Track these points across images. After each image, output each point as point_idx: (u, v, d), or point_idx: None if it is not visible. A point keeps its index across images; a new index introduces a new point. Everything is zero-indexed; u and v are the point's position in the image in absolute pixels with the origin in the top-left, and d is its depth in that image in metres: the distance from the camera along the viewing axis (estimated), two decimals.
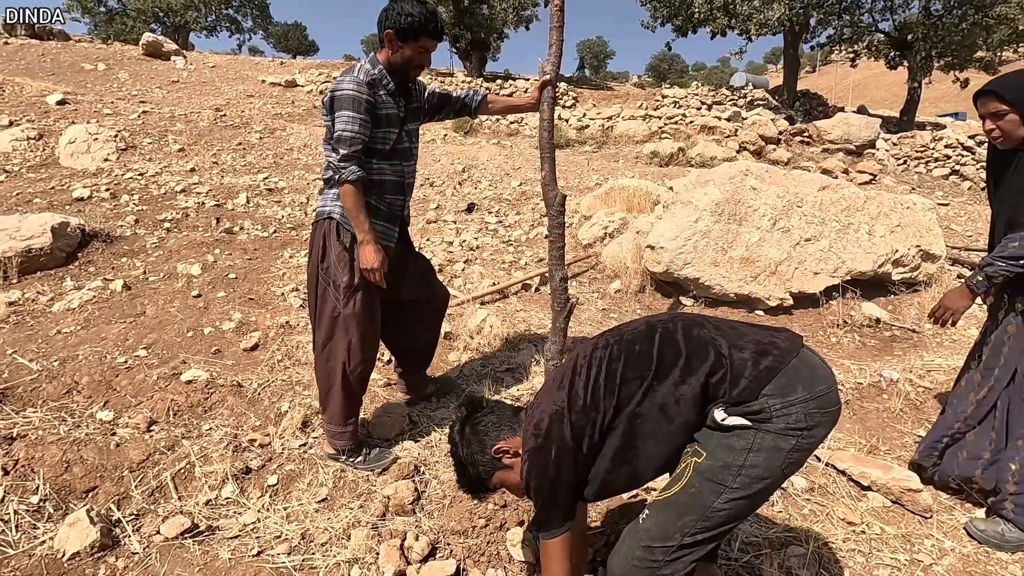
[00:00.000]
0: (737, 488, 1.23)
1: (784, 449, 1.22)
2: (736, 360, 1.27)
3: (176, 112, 8.81)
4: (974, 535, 1.98)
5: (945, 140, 10.17)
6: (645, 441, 1.31)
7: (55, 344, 2.99)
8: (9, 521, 1.88)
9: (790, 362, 1.26)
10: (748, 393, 1.23)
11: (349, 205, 2.06)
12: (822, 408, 1.24)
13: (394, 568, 1.76)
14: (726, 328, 1.36)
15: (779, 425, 1.22)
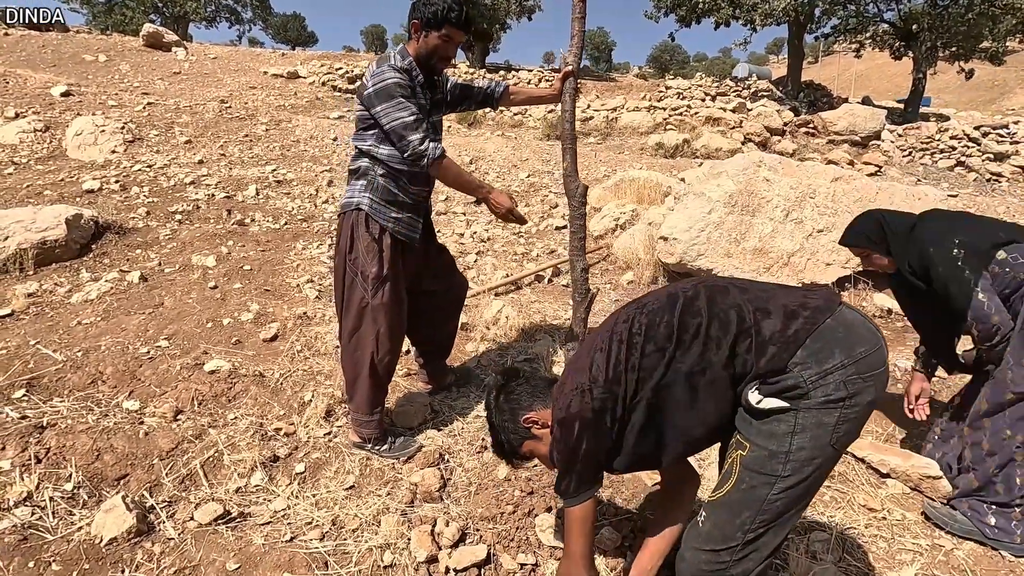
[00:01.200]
0: (789, 475, 1.19)
1: (829, 424, 1.17)
2: (763, 327, 1.22)
3: (181, 104, 8.79)
4: (930, 515, 2.03)
5: (951, 131, 10.14)
6: (672, 414, 1.30)
7: (76, 335, 3.01)
8: (46, 508, 1.91)
9: (823, 322, 1.20)
10: (777, 362, 1.19)
11: (452, 177, 2.13)
12: (863, 372, 1.17)
13: (426, 553, 1.80)
14: (754, 292, 1.31)
15: (818, 399, 1.17)
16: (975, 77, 16.24)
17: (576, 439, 1.31)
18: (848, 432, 1.20)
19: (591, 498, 1.36)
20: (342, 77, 14.58)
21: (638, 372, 1.29)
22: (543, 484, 2.06)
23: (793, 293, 1.30)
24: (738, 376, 1.25)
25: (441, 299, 2.51)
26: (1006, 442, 1.87)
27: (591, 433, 1.31)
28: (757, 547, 1.23)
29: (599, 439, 1.32)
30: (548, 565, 1.77)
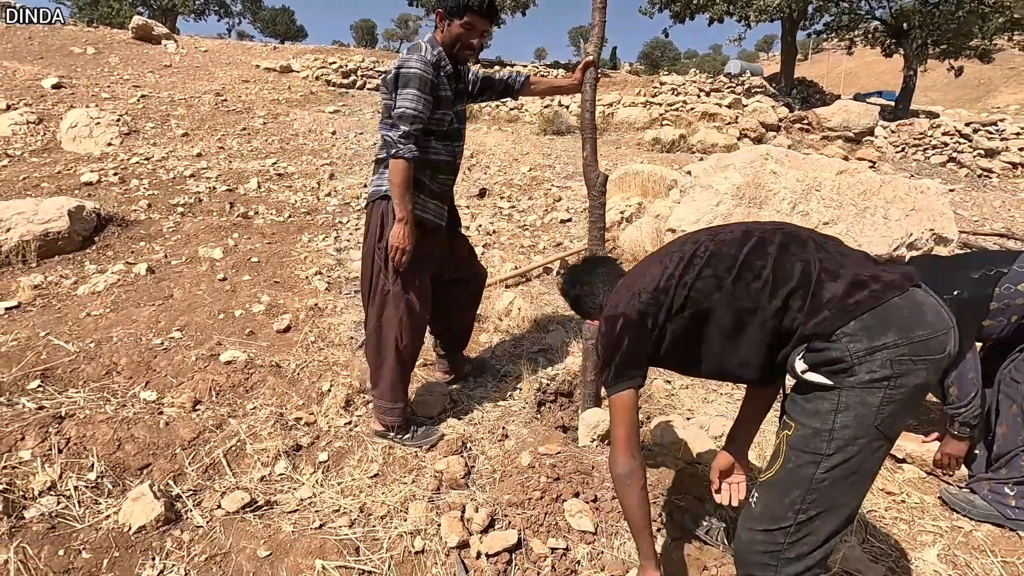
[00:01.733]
0: (833, 454, 1.17)
1: (873, 404, 1.15)
2: (824, 288, 1.21)
3: (176, 97, 8.69)
4: (947, 500, 2.08)
5: (943, 127, 10.29)
6: (712, 339, 1.36)
7: (87, 326, 2.98)
8: (71, 497, 1.90)
9: (889, 300, 1.17)
10: (827, 326, 1.17)
11: (398, 181, 2.06)
12: (916, 354, 1.14)
13: (458, 538, 1.81)
14: (831, 252, 1.28)
15: (862, 376, 1.15)
16: (962, 75, 16.45)
17: (618, 335, 1.42)
18: (894, 414, 1.17)
19: (630, 389, 1.43)
20: (336, 72, 14.48)
21: (688, 290, 1.35)
22: (568, 470, 2.07)
23: (869, 263, 1.28)
24: (784, 331, 1.26)
25: (462, 289, 2.52)
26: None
27: (632, 333, 1.41)
28: (811, 530, 1.22)
29: (639, 340, 1.41)
30: (579, 549, 1.79)
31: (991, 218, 5.82)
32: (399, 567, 1.76)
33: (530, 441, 2.33)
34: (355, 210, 5.12)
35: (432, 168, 2.20)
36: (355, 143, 7.34)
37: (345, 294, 3.57)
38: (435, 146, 2.18)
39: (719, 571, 1.71)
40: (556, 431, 2.45)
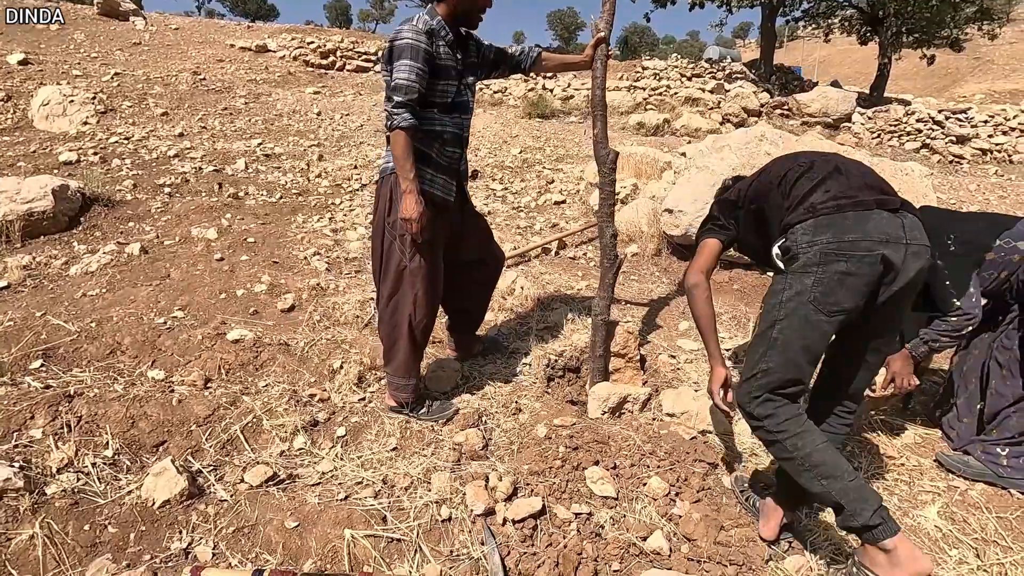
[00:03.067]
0: (783, 318, 1.55)
1: (808, 284, 1.52)
2: (812, 197, 1.60)
3: (151, 75, 8.42)
4: (943, 461, 2.19)
5: (917, 115, 10.56)
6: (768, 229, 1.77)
7: (84, 306, 2.91)
8: (90, 474, 1.88)
9: (845, 212, 1.53)
10: (792, 218, 1.60)
11: (398, 152, 2.04)
12: (841, 251, 1.48)
13: (484, 505, 1.85)
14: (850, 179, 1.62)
15: (800, 262, 1.54)
16: (931, 64, 16.84)
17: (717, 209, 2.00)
18: (824, 294, 1.50)
19: (711, 238, 1.95)
20: (314, 52, 14.14)
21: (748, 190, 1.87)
22: (586, 440, 2.12)
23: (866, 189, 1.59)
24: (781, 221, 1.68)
25: (479, 270, 2.52)
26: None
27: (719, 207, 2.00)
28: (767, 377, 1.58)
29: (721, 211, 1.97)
30: (601, 513, 1.84)
31: (967, 201, 6.03)
32: (427, 535, 1.79)
33: (543, 414, 2.37)
34: (346, 192, 5.07)
35: (440, 141, 2.19)
36: (341, 124, 7.23)
37: (346, 274, 3.55)
38: (441, 118, 2.16)
39: (735, 531, 1.78)
40: (567, 405, 2.50)
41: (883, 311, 1.57)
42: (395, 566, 1.71)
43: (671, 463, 2.04)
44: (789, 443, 1.55)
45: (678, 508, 1.86)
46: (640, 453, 2.09)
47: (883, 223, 1.51)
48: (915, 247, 1.51)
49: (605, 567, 1.67)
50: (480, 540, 1.78)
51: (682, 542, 1.76)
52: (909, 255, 1.50)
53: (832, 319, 1.52)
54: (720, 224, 1.95)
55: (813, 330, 1.53)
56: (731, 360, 2.88)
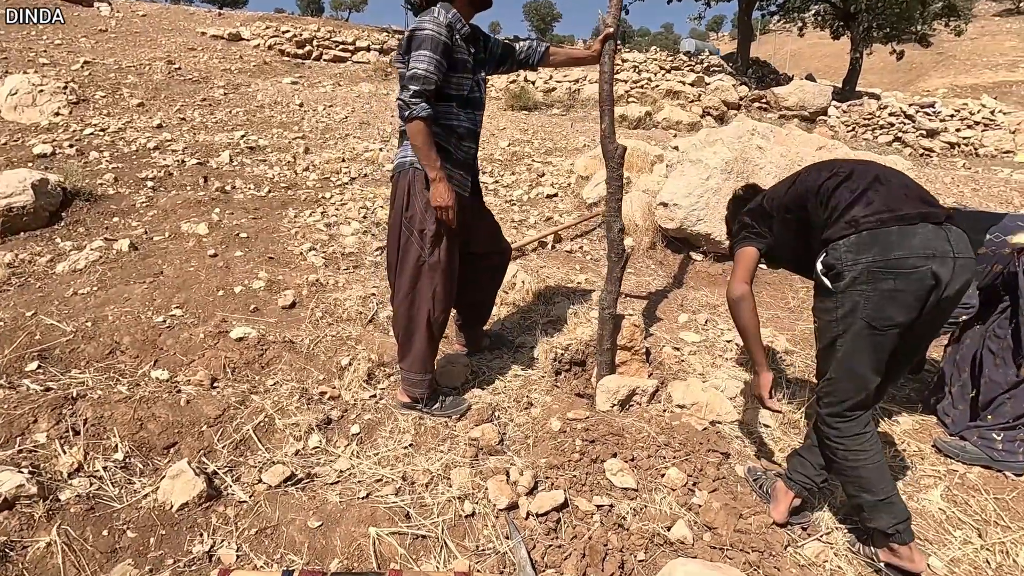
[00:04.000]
0: (842, 333, 1.59)
1: (858, 303, 1.55)
2: (853, 211, 1.59)
3: (123, 64, 8.15)
4: (940, 447, 2.27)
5: (889, 108, 10.84)
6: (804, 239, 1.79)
7: (76, 305, 2.82)
8: (103, 478, 1.84)
9: (889, 227, 1.53)
10: (835, 233, 1.60)
11: (419, 142, 2.03)
12: (887, 268, 1.50)
13: (507, 500, 1.86)
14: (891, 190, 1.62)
15: (846, 279, 1.55)
16: (894, 59, 17.28)
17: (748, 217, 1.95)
18: (877, 311, 1.53)
19: (748, 247, 1.90)
20: (290, 41, 13.82)
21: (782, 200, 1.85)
22: (601, 433, 2.15)
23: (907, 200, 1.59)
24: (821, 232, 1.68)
25: (488, 264, 2.52)
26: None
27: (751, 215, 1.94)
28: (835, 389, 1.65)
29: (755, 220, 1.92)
30: (623, 505, 1.88)
31: (943, 193, 6.23)
32: (452, 530, 1.80)
33: (555, 408, 2.39)
34: (336, 185, 4.99)
35: (456, 136, 2.19)
36: (325, 116, 7.10)
37: (344, 269, 3.50)
38: (457, 112, 2.15)
39: (753, 519, 1.83)
40: (577, 398, 2.53)
41: (929, 317, 1.58)
42: (422, 562, 1.71)
43: (686, 454, 2.08)
44: (841, 454, 1.66)
45: (697, 498, 1.90)
46: (655, 445, 2.13)
47: (929, 238, 1.51)
48: (962, 260, 1.52)
49: (631, 557, 1.70)
50: (504, 534, 1.79)
51: (704, 531, 1.80)
52: (957, 268, 1.51)
53: (887, 332, 1.55)
54: (756, 232, 1.90)
55: (872, 345, 1.57)
56: (737, 348, 2.94)
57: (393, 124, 7.10)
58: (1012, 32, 42.38)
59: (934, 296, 1.52)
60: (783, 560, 1.68)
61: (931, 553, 1.78)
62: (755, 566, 1.66)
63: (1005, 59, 40.70)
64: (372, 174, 5.30)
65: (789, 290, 3.86)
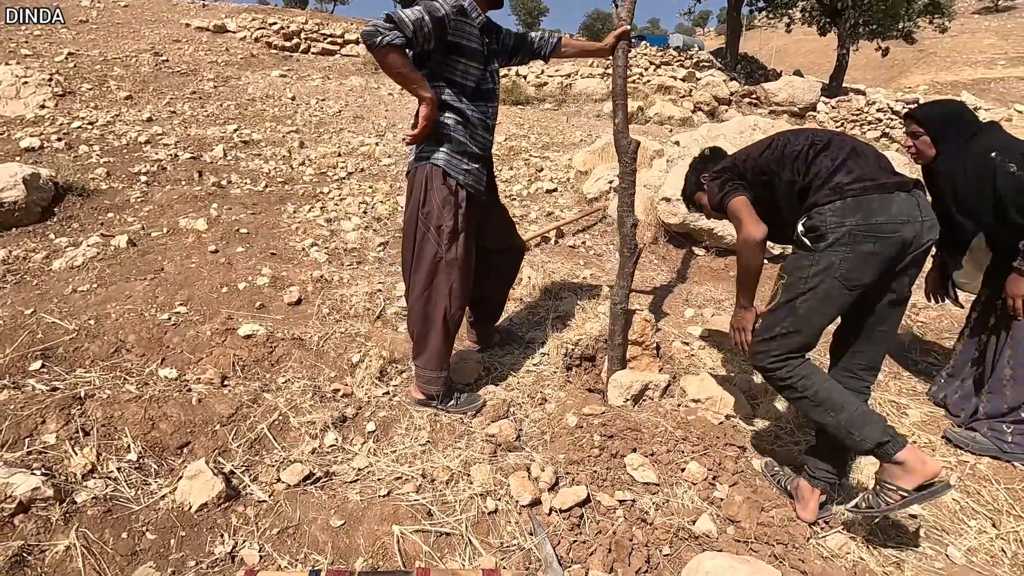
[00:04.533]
0: (808, 291, 1.69)
1: (835, 261, 1.64)
2: (835, 177, 1.69)
3: (108, 56, 7.96)
4: (951, 438, 2.30)
5: (877, 105, 10.97)
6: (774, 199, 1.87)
7: (76, 303, 2.76)
8: (118, 479, 1.80)
9: (870, 195, 1.63)
10: (821, 198, 1.68)
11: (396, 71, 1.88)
12: (869, 232, 1.60)
13: (530, 496, 1.85)
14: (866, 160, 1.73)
15: (829, 241, 1.64)
16: (876, 56, 17.52)
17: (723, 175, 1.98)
18: (851, 271, 1.64)
19: (736, 196, 1.89)
20: (277, 33, 13.60)
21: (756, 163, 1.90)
22: (619, 428, 2.15)
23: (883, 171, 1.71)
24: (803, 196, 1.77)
25: (501, 259, 2.50)
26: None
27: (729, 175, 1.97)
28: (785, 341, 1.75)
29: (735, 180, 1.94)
30: (645, 499, 1.88)
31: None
32: (475, 527, 1.79)
33: (569, 403, 2.39)
34: (333, 180, 4.93)
35: (472, 127, 2.14)
36: (319, 110, 7.00)
37: (348, 265, 3.47)
38: (471, 105, 2.11)
39: (775, 512, 1.84)
40: (589, 394, 2.53)
41: (904, 274, 1.72)
42: (447, 560, 1.70)
43: (704, 448, 2.09)
44: (799, 384, 1.73)
45: (718, 491, 1.91)
46: (673, 439, 2.14)
47: (904, 205, 1.65)
48: (929, 222, 1.68)
49: (656, 551, 1.71)
50: (528, 531, 1.78)
51: (727, 524, 1.81)
52: (925, 229, 1.67)
53: (854, 292, 1.68)
54: (741, 184, 1.92)
55: (835, 302, 1.69)
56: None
57: (388, 119, 7.03)
58: (991, 30, 43.09)
59: (908, 255, 1.67)
60: (807, 552, 1.69)
61: (948, 543, 1.80)
62: (780, 559, 1.67)
63: (984, 56, 41.36)
64: (369, 169, 5.24)
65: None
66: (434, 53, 2.00)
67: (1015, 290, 2.15)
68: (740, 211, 1.87)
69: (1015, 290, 2.15)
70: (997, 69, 37.30)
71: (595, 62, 14.20)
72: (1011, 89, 26.58)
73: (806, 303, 1.70)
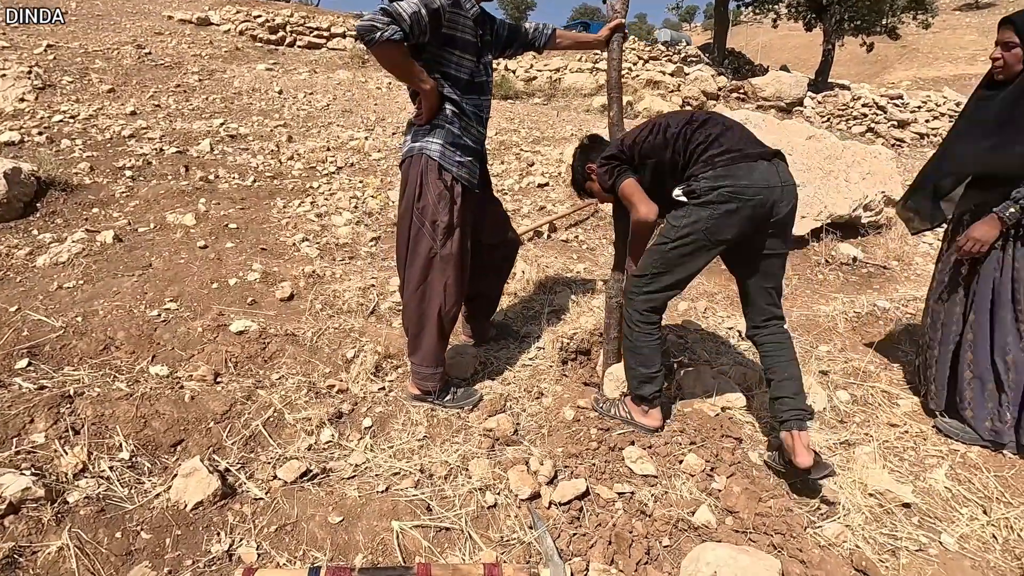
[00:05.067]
0: (677, 239, 1.92)
1: (703, 216, 1.87)
2: (709, 150, 1.89)
3: (89, 48, 7.80)
4: (941, 428, 2.30)
5: (863, 100, 11.08)
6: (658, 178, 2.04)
7: (62, 300, 2.70)
8: (110, 479, 1.77)
9: (738, 163, 1.85)
10: (696, 170, 1.89)
11: (396, 66, 1.90)
12: (735, 193, 1.82)
13: (530, 490, 1.85)
14: (736, 133, 1.95)
15: (701, 200, 1.86)
16: (860, 52, 17.66)
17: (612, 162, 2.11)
18: (715, 226, 1.86)
19: (629, 178, 2.06)
20: (262, 26, 13.39)
21: (641, 147, 2.04)
22: (616, 421, 2.15)
23: (750, 142, 1.93)
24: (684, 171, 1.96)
25: (497, 254, 2.49)
26: None
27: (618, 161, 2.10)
28: (657, 281, 2.02)
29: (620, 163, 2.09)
30: (643, 491, 1.88)
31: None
32: (475, 521, 1.78)
33: (566, 397, 2.39)
34: (322, 175, 4.88)
35: (466, 120, 2.12)
36: (306, 104, 6.92)
37: (340, 261, 3.43)
38: (464, 98, 2.08)
39: (772, 502, 1.86)
40: (585, 387, 2.53)
41: (775, 231, 1.93)
42: (447, 555, 1.69)
43: (702, 439, 2.10)
44: (643, 339, 2.09)
45: (716, 482, 1.92)
46: (670, 431, 2.15)
47: (765, 172, 1.86)
48: (788, 187, 1.91)
49: (656, 543, 1.71)
50: (528, 524, 1.78)
51: (726, 515, 1.82)
52: (785, 194, 1.89)
53: (716, 247, 1.92)
54: (627, 167, 2.08)
55: (699, 252, 1.93)
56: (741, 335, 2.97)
57: (377, 113, 6.97)
58: (972, 27, 43.65)
59: (775, 214, 1.88)
60: (805, 541, 1.71)
61: (942, 530, 1.83)
62: (779, 548, 1.68)
63: (965, 52, 41.90)
64: (359, 163, 5.20)
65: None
66: (428, 46, 1.98)
67: (981, 234, 2.09)
68: (632, 194, 2.05)
69: (981, 234, 2.09)
70: (978, 65, 37.81)
71: (584, 56, 14.20)
72: None
73: (676, 249, 1.94)
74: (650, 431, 2.15)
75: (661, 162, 2.01)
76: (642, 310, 2.08)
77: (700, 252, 1.93)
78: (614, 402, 2.28)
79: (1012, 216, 2.06)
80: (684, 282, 2.04)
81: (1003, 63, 2.10)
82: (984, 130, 2.16)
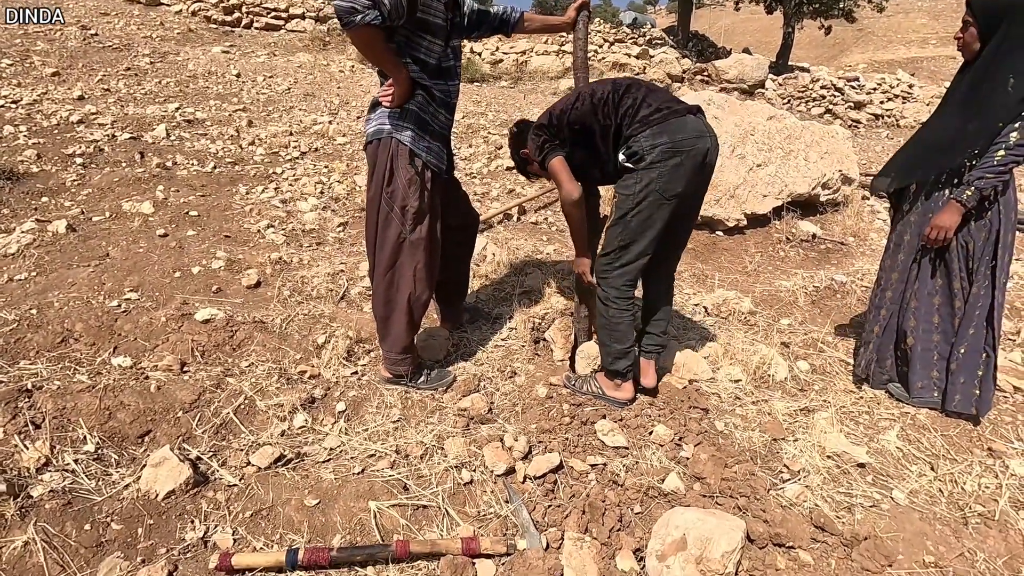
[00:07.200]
0: (635, 206, 1.98)
1: (653, 176, 1.94)
2: (640, 112, 1.98)
3: (30, 29, 7.38)
4: (893, 392, 2.42)
5: (821, 82, 11.36)
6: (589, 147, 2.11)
7: (14, 292, 2.60)
8: (76, 472, 1.73)
9: (669, 120, 1.94)
10: (634, 131, 1.96)
11: (373, 52, 1.88)
12: (676, 148, 1.91)
13: (505, 466, 1.88)
14: (658, 95, 2.04)
15: (647, 162, 1.93)
16: (819, 35, 18.08)
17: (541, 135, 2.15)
18: (667, 183, 1.94)
19: (557, 155, 2.11)
20: (216, 7, 12.89)
21: (569, 115, 2.09)
22: (588, 398, 2.20)
23: (674, 101, 2.03)
24: (618, 135, 2.03)
25: (461, 234, 2.48)
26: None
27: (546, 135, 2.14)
28: (626, 252, 2.07)
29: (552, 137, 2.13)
30: (615, 462, 1.94)
31: (875, 161, 6.64)
32: (452, 498, 1.81)
33: (538, 376, 2.43)
34: (285, 160, 4.78)
35: (434, 105, 2.11)
36: (266, 87, 6.72)
37: (307, 247, 3.38)
38: (434, 83, 2.06)
39: (737, 467, 1.94)
40: (559, 365, 2.57)
41: (697, 183, 2.06)
42: (425, 532, 1.72)
43: (670, 411, 2.17)
44: (617, 316, 2.14)
45: (685, 451, 1.99)
46: (640, 404, 2.21)
47: (695, 124, 1.98)
48: (714, 138, 2.02)
49: (628, 511, 1.77)
50: (504, 499, 1.82)
51: (693, 481, 1.89)
52: (713, 143, 2.00)
53: (672, 202, 1.99)
54: (556, 143, 2.13)
55: (658, 212, 1.99)
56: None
57: (340, 96, 6.83)
58: (923, 10, 44.99)
59: (704, 165, 1.99)
60: (767, 503, 1.79)
61: (893, 487, 1.94)
62: (744, 510, 1.76)
63: (917, 36, 43.19)
64: (324, 148, 5.09)
65: (745, 255, 4.04)
66: (401, 30, 1.95)
67: (945, 222, 2.12)
68: (559, 172, 2.12)
69: (945, 222, 2.12)
70: (929, 48, 39.07)
71: (550, 39, 14.13)
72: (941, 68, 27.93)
73: (636, 216, 2.00)
74: (622, 404, 2.23)
75: (590, 129, 2.07)
76: (619, 285, 2.12)
77: (658, 212, 2.00)
78: (585, 378, 2.33)
79: (970, 199, 2.08)
80: (651, 245, 2.08)
81: (963, 42, 2.13)
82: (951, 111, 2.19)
